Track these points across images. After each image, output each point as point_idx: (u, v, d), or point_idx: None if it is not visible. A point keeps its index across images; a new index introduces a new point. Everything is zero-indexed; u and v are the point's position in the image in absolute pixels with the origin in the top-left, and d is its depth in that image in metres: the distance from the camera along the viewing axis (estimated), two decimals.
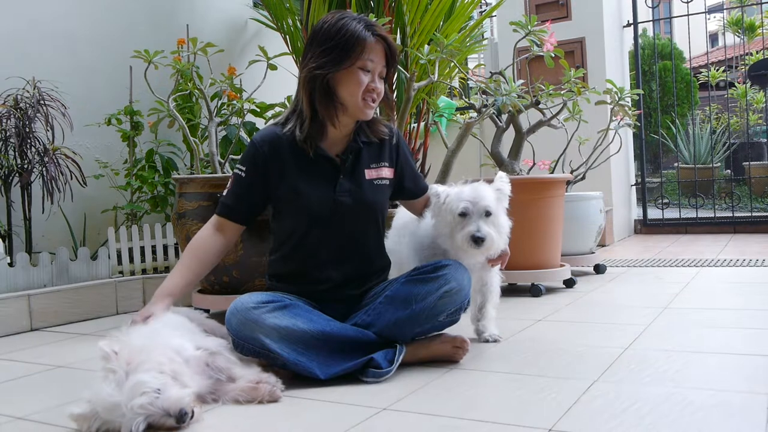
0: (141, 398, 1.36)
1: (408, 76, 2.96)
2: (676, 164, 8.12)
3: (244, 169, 1.88)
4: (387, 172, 1.96)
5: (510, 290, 3.06)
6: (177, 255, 3.34)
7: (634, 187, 5.66)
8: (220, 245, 1.89)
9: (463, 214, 1.87)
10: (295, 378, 1.71)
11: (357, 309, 1.88)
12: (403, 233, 2.17)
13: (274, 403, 1.57)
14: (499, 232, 1.91)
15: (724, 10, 10.98)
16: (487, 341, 2.10)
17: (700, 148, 7.87)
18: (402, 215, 2.24)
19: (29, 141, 2.94)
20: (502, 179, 2.00)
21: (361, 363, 1.72)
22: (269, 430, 1.42)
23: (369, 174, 1.92)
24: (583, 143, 3.72)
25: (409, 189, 2.06)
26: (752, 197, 6.03)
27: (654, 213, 5.71)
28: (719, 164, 7.96)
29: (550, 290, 3.05)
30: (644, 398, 1.48)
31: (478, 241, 1.83)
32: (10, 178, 2.99)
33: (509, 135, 3.37)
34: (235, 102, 3.25)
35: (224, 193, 1.92)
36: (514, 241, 2.03)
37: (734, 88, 9.16)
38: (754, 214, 5.43)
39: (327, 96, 1.81)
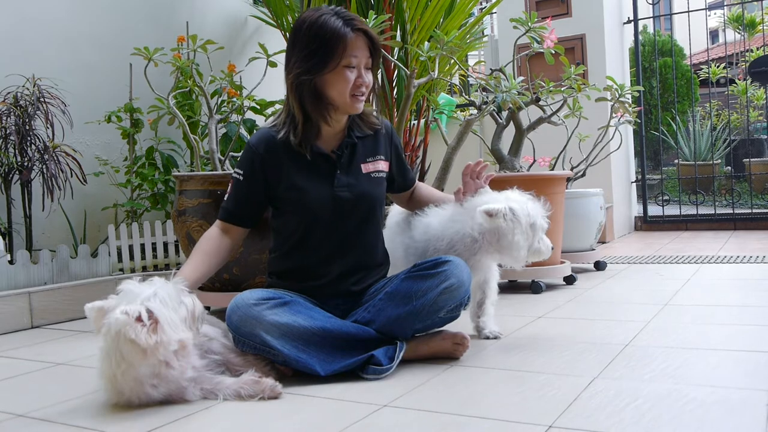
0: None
1: (408, 73, 2.96)
2: (676, 161, 8.12)
3: (241, 172, 1.89)
4: (383, 165, 1.97)
5: (510, 287, 3.06)
6: (177, 252, 3.34)
7: (634, 184, 5.65)
8: (226, 245, 1.89)
9: (537, 227, 1.96)
10: (296, 375, 1.71)
11: (357, 306, 1.88)
12: (396, 231, 2.17)
13: (275, 399, 1.57)
14: None
15: (725, 7, 10.97)
16: (487, 338, 2.10)
17: (700, 145, 7.86)
18: (394, 214, 2.24)
19: (29, 138, 2.93)
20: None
21: (362, 360, 1.72)
22: (269, 427, 1.42)
23: (365, 168, 1.93)
24: (584, 140, 3.72)
25: (399, 183, 2.08)
26: (752, 194, 6.02)
27: (654, 210, 5.71)
28: (719, 161, 7.95)
29: (551, 287, 3.05)
30: (644, 395, 1.48)
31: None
32: (11, 175, 2.98)
33: (509, 132, 3.37)
34: (235, 99, 3.25)
35: (225, 198, 1.93)
36: None
37: (735, 84, 9.15)
38: (754, 210, 5.43)
39: (317, 99, 1.82)
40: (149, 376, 1.52)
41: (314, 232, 1.87)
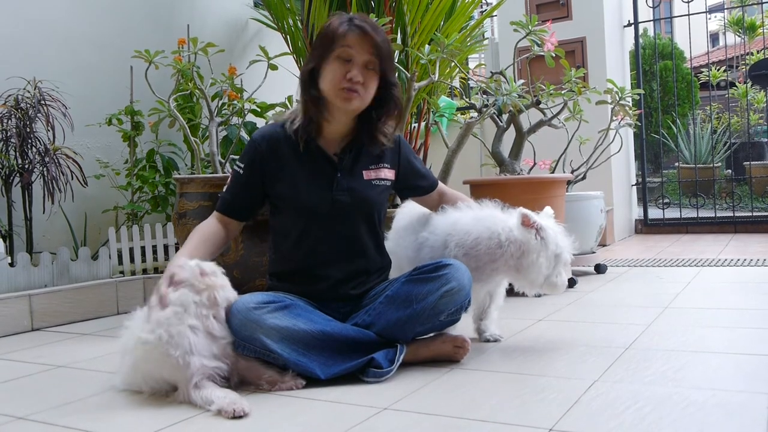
0: None
1: (409, 76, 2.96)
2: (676, 164, 8.12)
3: (242, 166, 1.91)
4: (387, 173, 1.97)
5: (511, 290, 3.05)
6: None
7: (634, 187, 5.65)
8: (223, 234, 1.92)
9: (560, 260, 1.95)
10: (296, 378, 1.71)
11: (357, 309, 1.88)
12: (403, 235, 2.16)
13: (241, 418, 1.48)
14: None
15: (725, 10, 10.98)
16: (488, 341, 2.10)
17: (700, 148, 7.86)
18: (403, 216, 2.23)
19: (30, 141, 2.94)
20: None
21: (362, 363, 1.72)
22: (269, 430, 1.42)
23: (367, 174, 1.93)
24: (584, 143, 3.72)
25: (423, 186, 2.09)
26: (753, 197, 6.02)
27: (655, 213, 5.70)
28: (720, 164, 7.96)
29: None
30: (645, 398, 1.48)
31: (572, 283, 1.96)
32: (11, 178, 2.99)
33: (510, 135, 3.37)
34: (235, 102, 3.25)
35: (224, 189, 1.95)
36: None
37: (735, 87, 9.16)
38: (754, 213, 5.42)
39: (313, 90, 1.85)
40: (193, 314, 1.60)
41: (312, 233, 1.88)
